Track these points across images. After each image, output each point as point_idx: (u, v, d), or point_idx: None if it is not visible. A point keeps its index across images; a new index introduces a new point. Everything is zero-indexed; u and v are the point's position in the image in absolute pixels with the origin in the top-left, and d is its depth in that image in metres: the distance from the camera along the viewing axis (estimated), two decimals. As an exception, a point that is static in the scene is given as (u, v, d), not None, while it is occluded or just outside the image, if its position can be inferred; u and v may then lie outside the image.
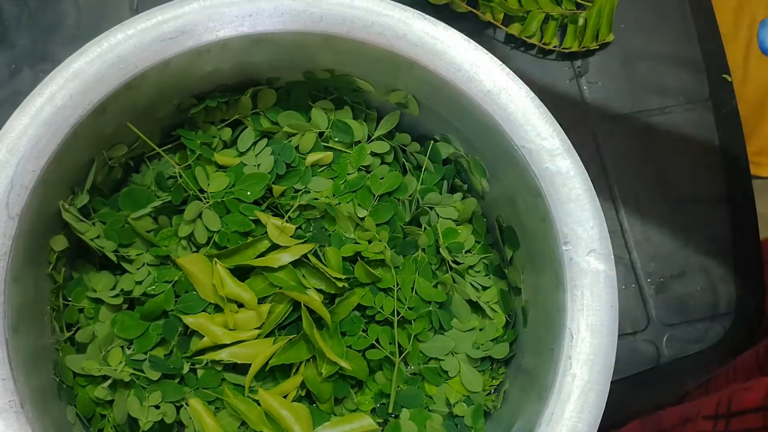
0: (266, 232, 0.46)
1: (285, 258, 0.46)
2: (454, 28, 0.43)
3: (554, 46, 0.63)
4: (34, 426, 0.36)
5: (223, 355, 0.44)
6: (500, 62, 0.42)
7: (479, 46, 0.43)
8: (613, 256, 0.41)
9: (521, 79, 0.42)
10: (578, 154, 0.42)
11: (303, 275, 0.46)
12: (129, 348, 0.45)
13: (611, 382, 0.39)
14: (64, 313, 0.45)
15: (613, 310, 0.40)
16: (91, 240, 0.44)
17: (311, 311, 0.45)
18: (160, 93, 0.44)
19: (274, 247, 0.46)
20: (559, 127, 0.42)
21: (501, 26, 0.63)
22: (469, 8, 0.62)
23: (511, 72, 0.42)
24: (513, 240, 0.48)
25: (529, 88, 0.42)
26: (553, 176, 0.41)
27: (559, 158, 0.41)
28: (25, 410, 0.36)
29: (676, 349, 0.58)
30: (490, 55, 0.42)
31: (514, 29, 0.63)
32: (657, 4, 0.66)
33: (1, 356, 0.36)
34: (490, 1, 0.61)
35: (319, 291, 0.46)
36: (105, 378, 0.43)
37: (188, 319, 0.45)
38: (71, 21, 0.59)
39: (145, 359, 0.44)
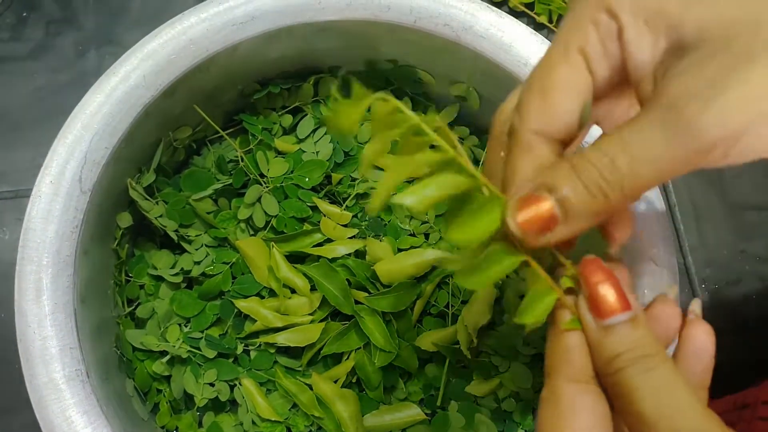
0: (326, 216, 0.47)
1: (340, 250, 0.46)
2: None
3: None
4: (98, 395, 0.37)
5: (278, 338, 0.45)
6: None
7: (546, 40, 0.42)
8: (675, 258, 0.40)
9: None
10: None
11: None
12: (186, 326, 0.46)
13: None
14: (126, 289, 0.46)
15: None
16: (155, 218, 0.45)
17: (365, 299, 0.45)
18: (227, 77, 0.45)
19: (330, 238, 0.47)
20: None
21: (555, 29, 0.62)
22: (524, 8, 0.61)
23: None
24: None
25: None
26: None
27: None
28: (90, 379, 0.37)
29: (728, 356, 0.56)
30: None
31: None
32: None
33: (70, 325, 0.37)
34: (548, 4, 0.61)
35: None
36: (163, 354, 0.44)
37: (240, 303, 0.45)
38: (136, 5, 0.60)
39: (202, 338, 0.45)
